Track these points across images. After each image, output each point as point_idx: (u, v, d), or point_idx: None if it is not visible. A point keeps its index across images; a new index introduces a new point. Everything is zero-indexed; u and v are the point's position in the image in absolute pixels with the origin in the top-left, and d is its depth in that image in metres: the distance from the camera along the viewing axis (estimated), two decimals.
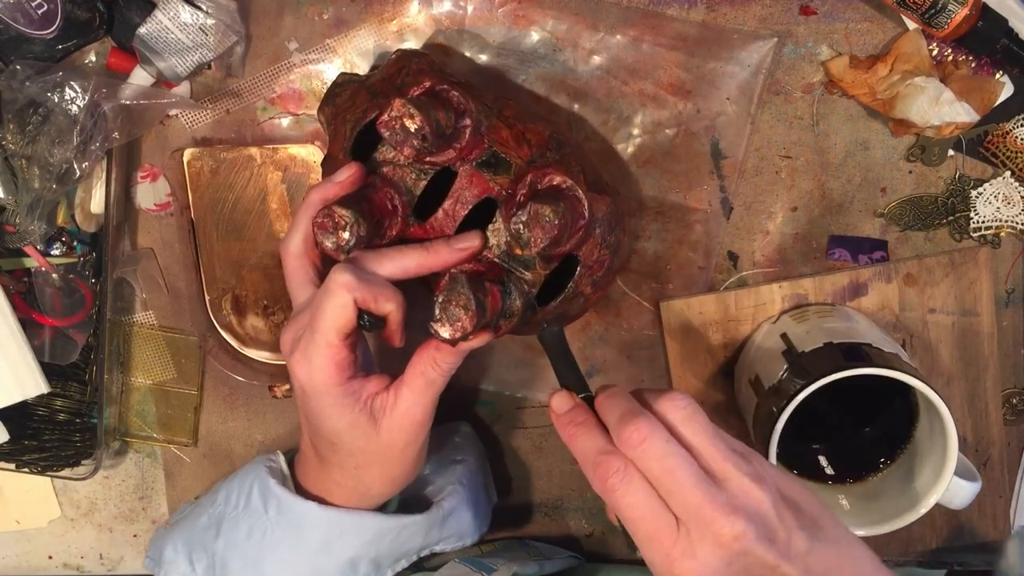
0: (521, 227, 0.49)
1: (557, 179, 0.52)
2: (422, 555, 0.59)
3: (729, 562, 0.41)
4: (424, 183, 0.54)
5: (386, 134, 0.49)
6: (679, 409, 0.44)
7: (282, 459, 0.58)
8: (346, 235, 0.49)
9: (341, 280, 0.49)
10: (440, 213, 0.54)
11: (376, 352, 0.58)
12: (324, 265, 0.54)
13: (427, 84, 0.53)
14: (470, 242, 0.53)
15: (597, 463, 0.44)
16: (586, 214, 0.52)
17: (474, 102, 0.53)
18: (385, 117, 0.49)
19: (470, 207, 0.54)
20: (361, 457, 0.53)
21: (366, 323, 0.51)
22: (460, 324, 0.47)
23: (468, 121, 0.53)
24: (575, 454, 0.46)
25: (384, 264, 0.52)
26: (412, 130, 0.49)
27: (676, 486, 0.42)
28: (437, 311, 0.47)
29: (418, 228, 0.55)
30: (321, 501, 0.55)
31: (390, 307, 0.51)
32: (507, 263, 0.54)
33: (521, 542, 0.71)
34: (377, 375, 0.53)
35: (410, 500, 0.60)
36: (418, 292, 0.54)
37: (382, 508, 0.57)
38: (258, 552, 0.55)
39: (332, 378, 0.50)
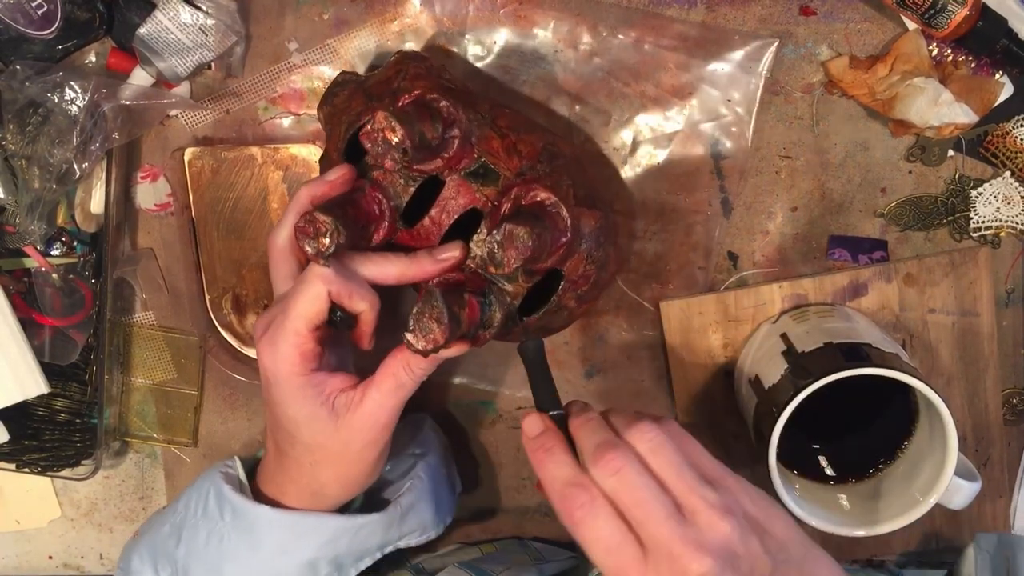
0: (495, 247, 0.49)
1: (541, 195, 0.52)
2: (385, 551, 0.58)
3: None
4: (412, 189, 0.54)
5: (368, 145, 0.50)
6: (647, 441, 0.45)
7: (239, 464, 0.58)
8: (327, 241, 0.49)
9: (319, 271, 0.50)
10: (426, 221, 0.55)
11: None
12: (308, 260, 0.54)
13: (417, 92, 0.53)
14: (451, 253, 0.54)
15: (564, 495, 0.44)
16: (568, 232, 0.52)
17: (465, 111, 0.53)
18: (368, 128, 0.49)
19: (456, 217, 0.54)
20: (319, 453, 0.53)
21: (337, 318, 0.51)
22: (432, 337, 0.48)
23: (456, 131, 0.53)
24: (543, 481, 0.46)
25: (366, 266, 0.52)
26: (393, 143, 0.49)
27: (646, 519, 0.42)
28: (411, 322, 0.48)
29: (405, 234, 0.55)
30: (276, 502, 0.55)
31: (363, 306, 0.52)
32: (489, 274, 0.54)
33: (520, 542, 0.71)
34: (344, 373, 0.53)
35: (370, 496, 0.60)
36: (405, 296, 0.54)
37: (346, 506, 0.57)
38: (217, 558, 0.55)
39: (295, 367, 0.51)
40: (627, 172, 0.66)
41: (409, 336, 0.48)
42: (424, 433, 0.65)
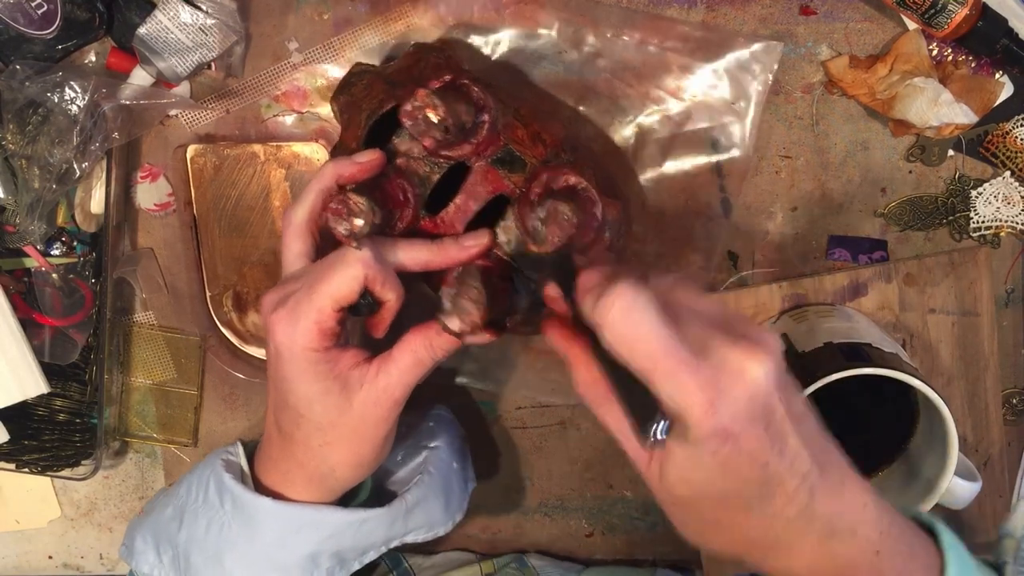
0: (539, 224, 0.48)
1: (572, 179, 0.52)
2: (390, 546, 0.57)
3: (754, 401, 0.39)
4: (437, 176, 0.54)
5: (408, 123, 0.49)
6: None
7: (241, 450, 0.57)
8: (359, 222, 0.48)
9: (359, 255, 0.49)
10: (451, 207, 0.54)
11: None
12: (322, 240, 0.53)
13: (447, 78, 0.53)
14: (478, 240, 0.53)
15: (599, 292, 0.39)
16: (599, 216, 0.52)
17: (492, 98, 0.53)
18: (408, 107, 0.49)
19: (482, 203, 0.54)
20: (330, 432, 0.51)
21: (365, 302, 0.50)
22: (470, 317, 0.47)
23: (487, 117, 0.52)
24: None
25: (395, 252, 0.51)
26: (435, 121, 0.49)
27: (697, 314, 0.40)
28: (447, 303, 0.47)
29: (428, 221, 0.54)
30: (278, 491, 0.54)
31: (391, 296, 0.51)
32: (515, 261, 0.54)
33: (520, 562, 0.71)
34: (355, 348, 0.52)
35: (379, 489, 0.59)
36: (413, 285, 0.54)
37: (353, 496, 0.56)
38: (217, 546, 0.54)
39: (313, 342, 0.49)
40: (628, 171, 0.65)
41: (444, 317, 0.47)
42: (439, 426, 0.64)
